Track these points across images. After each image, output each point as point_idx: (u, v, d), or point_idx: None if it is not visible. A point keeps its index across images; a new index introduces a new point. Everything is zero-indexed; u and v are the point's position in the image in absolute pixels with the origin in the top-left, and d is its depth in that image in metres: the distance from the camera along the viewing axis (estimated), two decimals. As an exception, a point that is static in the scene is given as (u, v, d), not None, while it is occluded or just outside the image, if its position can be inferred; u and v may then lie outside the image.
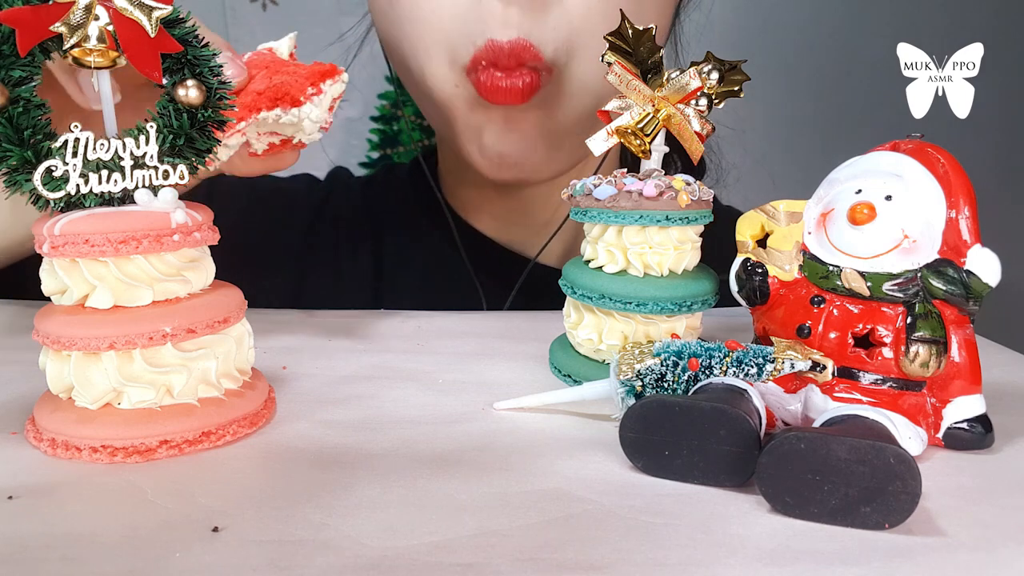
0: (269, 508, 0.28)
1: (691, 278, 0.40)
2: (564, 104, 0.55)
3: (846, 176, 0.36)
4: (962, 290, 0.32)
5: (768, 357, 0.33)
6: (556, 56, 0.53)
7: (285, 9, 1.25)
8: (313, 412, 0.37)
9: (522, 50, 0.51)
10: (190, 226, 0.32)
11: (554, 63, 0.53)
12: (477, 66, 0.53)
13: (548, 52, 0.52)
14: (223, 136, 0.41)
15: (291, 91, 0.41)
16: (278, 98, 0.41)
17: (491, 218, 0.69)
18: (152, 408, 0.32)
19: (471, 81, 0.54)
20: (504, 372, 0.43)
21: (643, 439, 0.30)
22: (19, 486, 0.29)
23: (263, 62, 0.43)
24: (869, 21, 1.33)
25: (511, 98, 0.53)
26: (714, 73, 0.40)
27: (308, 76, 0.41)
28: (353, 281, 0.70)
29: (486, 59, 0.52)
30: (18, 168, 0.30)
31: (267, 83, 0.41)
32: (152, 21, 0.30)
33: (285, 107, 0.41)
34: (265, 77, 0.42)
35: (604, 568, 0.25)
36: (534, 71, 0.53)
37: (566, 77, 0.54)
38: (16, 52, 0.29)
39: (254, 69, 0.42)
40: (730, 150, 0.74)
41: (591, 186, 0.40)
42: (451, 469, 0.31)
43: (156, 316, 0.32)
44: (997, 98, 1.26)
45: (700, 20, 0.69)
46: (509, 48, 0.51)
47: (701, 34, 0.69)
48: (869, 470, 0.27)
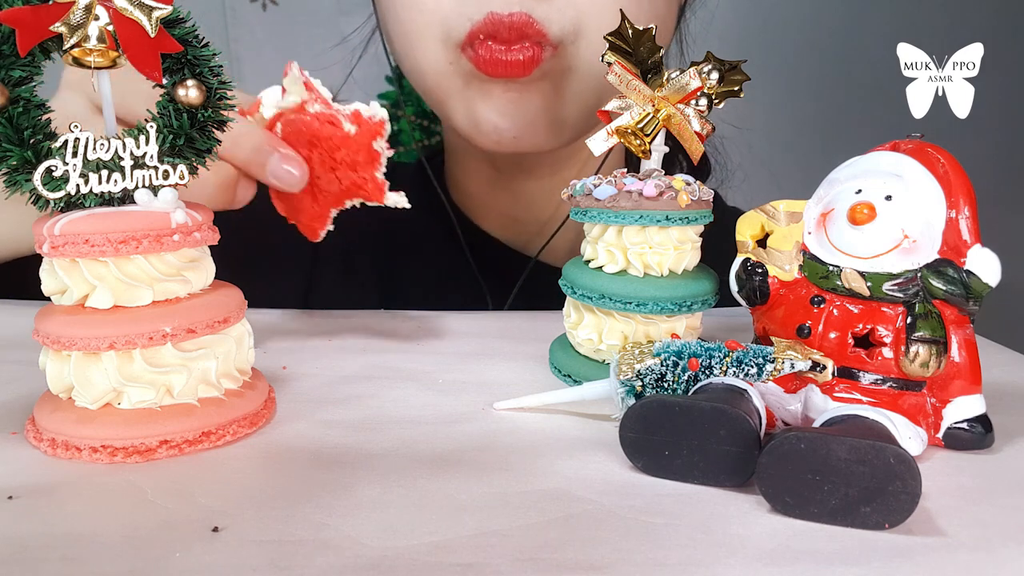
0: (269, 508, 0.28)
1: (691, 278, 0.40)
2: (568, 80, 0.55)
3: (846, 176, 0.36)
4: (962, 290, 0.32)
5: (768, 357, 0.33)
6: (562, 34, 0.52)
7: (285, 9, 1.25)
8: (313, 412, 0.37)
9: (524, 24, 0.51)
10: (190, 226, 0.32)
11: (560, 41, 0.53)
12: (474, 40, 0.52)
13: (553, 30, 0.52)
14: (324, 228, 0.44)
15: (369, 194, 0.42)
16: (358, 196, 0.42)
17: (496, 217, 0.69)
18: (152, 408, 0.32)
19: (467, 57, 0.53)
20: (504, 372, 0.43)
21: (643, 439, 0.30)
22: (19, 486, 0.29)
23: (303, 136, 0.42)
24: (869, 21, 1.33)
25: (511, 70, 0.52)
26: (714, 73, 0.40)
27: (368, 161, 0.41)
28: (360, 281, 0.70)
29: (484, 32, 0.51)
30: (18, 168, 0.30)
31: (337, 183, 0.42)
32: (152, 21, 0.30)
33: (368, 201, 0.42)
34: (325, 167, 0.42)
35: (604, 568, 0.24)
36: (537, 45, 0.52)
37: (572, 55, 0.54)
38: (16, 52, 0.29)
39: (301, 148, 0.42)
40: (735, 150, 0.74)
41: (591, 186, 0.40)
42: (451, 469, 0.31)
43: (156, 316, 0.32)
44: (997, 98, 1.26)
45: (705, 18, 0.69)
46: (510, 21, 0.51)
47: (706, 32, 0.69)
48: (869, 470, 0.26)
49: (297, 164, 0.42)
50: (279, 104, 0.43)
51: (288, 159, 0.42)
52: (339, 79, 0.71)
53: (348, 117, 0.40)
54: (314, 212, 0.45)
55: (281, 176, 0.42)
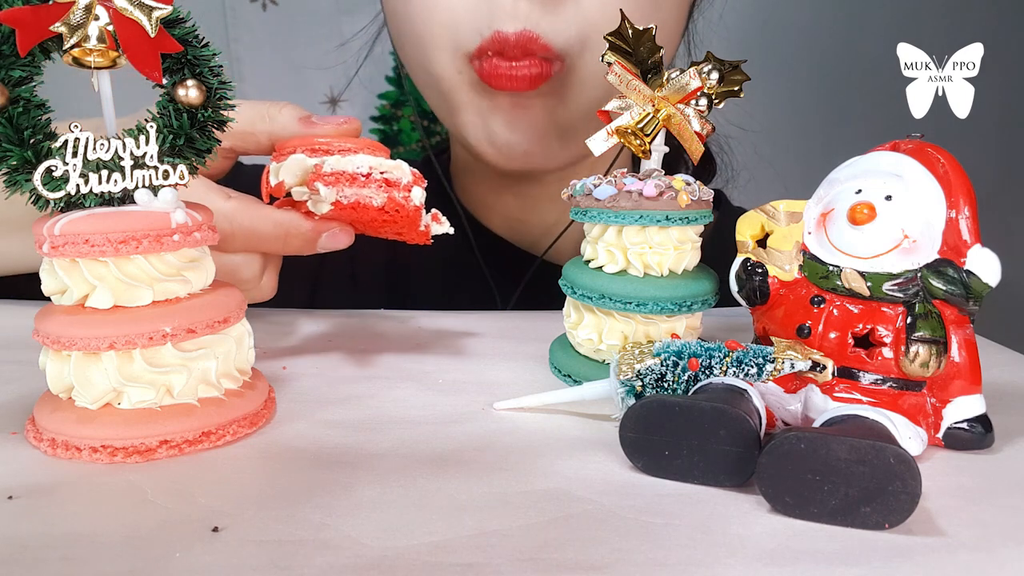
0: (269, 508, 0.28)
1: (691, 278, 0.40)
2: (576, 94, 0.55)
3: (846, 176, 0.36)
4: (962, 290, 0.32)
5: (768, 357, 0.33)
6: (568, 48, 0.52)
7: (285, 9, 1.25)
8: (313, 412, 0.37)
9: (528, 41, 0.51)
10: (190, 226, 0.32)
11: (566, 54, 0.53)
12: (482, 55, 0.53)
13: (559, 43, 0.52)
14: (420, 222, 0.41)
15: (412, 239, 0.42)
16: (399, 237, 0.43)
17: (502, 217, 0.70)
18: (152, 408, 0.32)
19: (474, 68, 0.54)
20: (504, 372, 0.43)
21: (643, 439, 0.30)
22: (19, 486, 0.29)
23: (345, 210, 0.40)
24: (869, 21, 1.33)
25: (517, 84, 0.52)
26: (714, 73, 0.40)
27: (411, 226, 0.41)
28: (368, 281, 0.70)
29: (491, 49, 0.52)
30: (18, 168, 0.30)
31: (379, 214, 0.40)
32: (152, 21, 0.30)
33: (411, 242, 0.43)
34: (372, 226, 0.42)
35: (604, 568, 0.24)
36: (544, 60, 0.52)
37: (579, 67, 0.54)
38: (16, 52, 0.29)
39: (344, 215, 0.41)
40: (740, 150, 0.74)
41: (591, 186, 0.40)
42: (451, 469, 0.31)
43: (156, 316, 0.32)
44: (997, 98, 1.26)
45: (713, 18, 0.69)
46: (515, 39, 0.51)
47: (713, 32, 0.69)
48: (869, 470, 0.26)
49: (346, 236, 0.43)
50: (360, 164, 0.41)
51: (335, 236, 0.43)
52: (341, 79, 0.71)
53: (376, 185, 0.39)
54: (374, 226, 0.44)
55: (331, 247, 0.43)
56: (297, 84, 1.20)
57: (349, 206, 0.39)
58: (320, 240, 0.43)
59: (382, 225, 0.42)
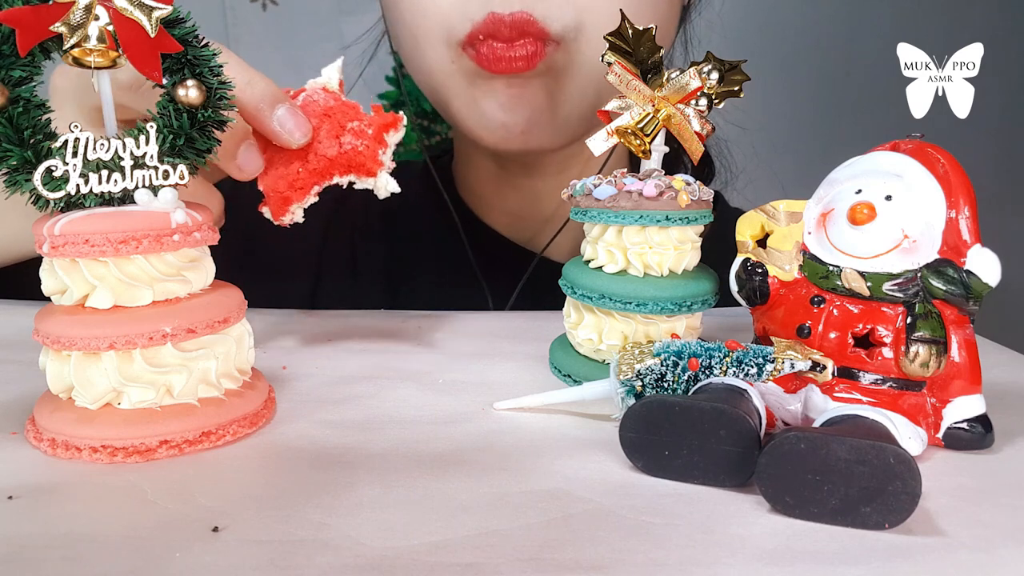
0: (269, 508, 0.28)
1: (691, 278, 0.40)
2: (572, 75, 0.55)
3: (846, 176, 0.36)
4: (962, 290, 0.32)
5: (768, 357, 0.33)
6: (564, 31, 0.53)
7: (285, 9, 1.25)
8: (313, 412, 0.37)
9: (524, 23, 0.51)
10: (190, 226, 0.32)
11: (562, 37, 0.53)
12: (475, 40, 0.53)
13: (554, 27, 0.52)
14: (297, 203, 0.41)
15: (365, 162, 0.41)
16: (352, 167, 0.41)
17: (502, 214, 0.70)
18: (152, 408, 0.32)
19: (468, 56, 0.54)
20: (504, 372, 0.43)
21: (643, 439, 0.30)
22: (19, 486, 0.29)
23: (319, 108, 0.42)
24: (869, 21, 1.33)
25: (514, 65, 0.52)
26: (714, 73, 0.40)
27: (376, 137, 0.41)
28: (368, 280, 0.71)
29: (485, 32, 0.52)
30: (18, 168, 0.30)
31: (336, 147, 0.41)
32: (152, 21, 0.30)
33: (360, 176, 0.41)
34: (331, 135, 0.41)
35: (604, 568, 0.25)
36: (539, 41, 0.52)
37: (574, 50, 0.54)
38: (16, 52, 0.29)
39: (313, 118, 0.41)
40: (738, 151, 0.74)
41: (591, 186, 0.40)
42: (451, 469, 0.31)
43: (156, 316, 0.32)
44: (997, 98, 1.26)
45: (711, 18, 0.69)
46: (511, 20, 0.51)
47: (711, 32, 0.69)
48: (869, 470, 0.26)
49: (305, 120, 0.41)
50: (311, 83, 0.43)
51: (297, 113, 0.41)
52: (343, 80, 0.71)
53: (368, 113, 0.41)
54: (297, 179, 0.43)
55: (286, 124, 0.41)
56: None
57: (332, 100, 0.40)
58: (280, 108, 0.40)
59: (347, 132, 0.41)
